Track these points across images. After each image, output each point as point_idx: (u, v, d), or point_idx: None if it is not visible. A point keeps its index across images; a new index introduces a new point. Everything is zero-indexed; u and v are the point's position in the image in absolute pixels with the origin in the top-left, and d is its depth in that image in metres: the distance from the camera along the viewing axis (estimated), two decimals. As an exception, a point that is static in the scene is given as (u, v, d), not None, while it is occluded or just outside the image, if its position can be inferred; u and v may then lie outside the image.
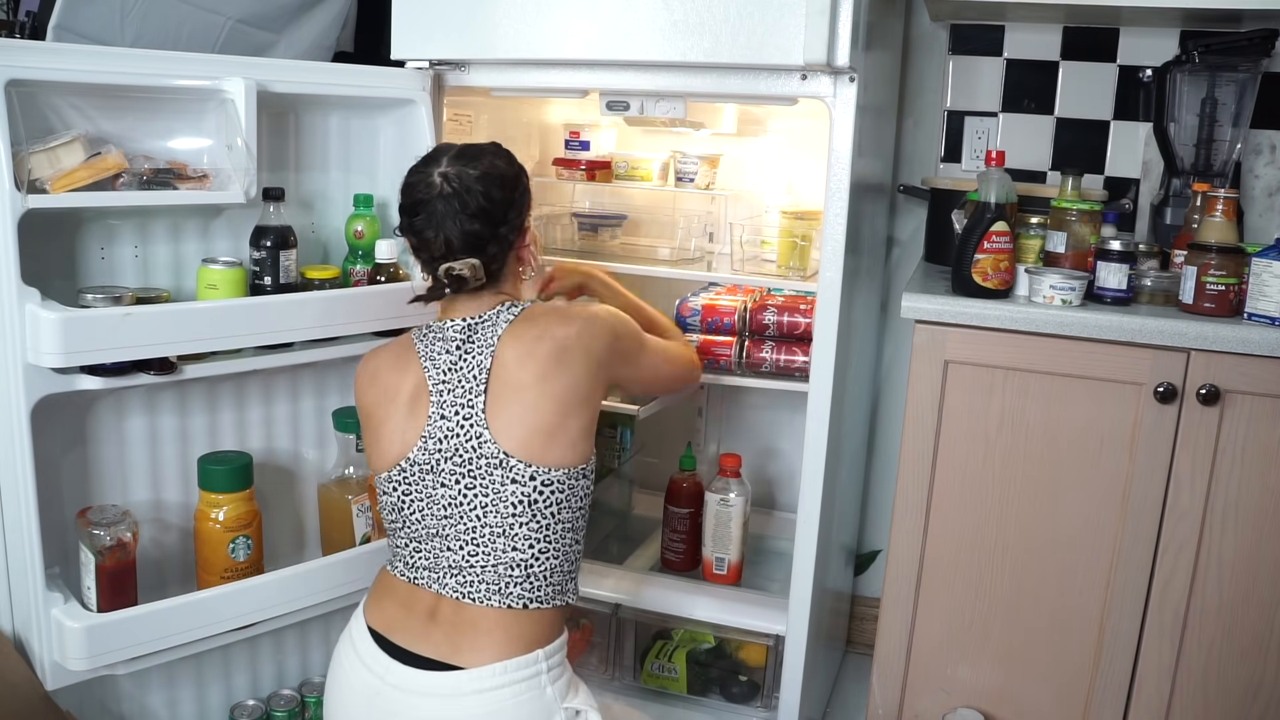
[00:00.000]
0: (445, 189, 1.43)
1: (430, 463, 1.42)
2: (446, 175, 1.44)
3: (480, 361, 1.43)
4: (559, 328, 1.45)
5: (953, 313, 1.66)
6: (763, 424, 2.45)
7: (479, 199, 1.43)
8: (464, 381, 1.42)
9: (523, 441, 1.40)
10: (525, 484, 1.39)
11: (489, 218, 1.44)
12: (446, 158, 1.46)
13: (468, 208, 1.43)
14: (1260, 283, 1.55)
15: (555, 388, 1.42)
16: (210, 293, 1.57)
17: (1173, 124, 1.96)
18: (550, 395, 1.41)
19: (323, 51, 2.04)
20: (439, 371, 1.44)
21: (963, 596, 1.77)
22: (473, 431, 1.40)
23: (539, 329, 1.44)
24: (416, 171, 1.47)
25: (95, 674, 1.52)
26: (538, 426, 1.40)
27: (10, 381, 1.40)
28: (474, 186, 1.43)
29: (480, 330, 1.45)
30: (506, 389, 1.41)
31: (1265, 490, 1.58)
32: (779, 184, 2.20)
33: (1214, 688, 1.66)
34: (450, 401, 1.42)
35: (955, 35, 2.21)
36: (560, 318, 1.48)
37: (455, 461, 1.41)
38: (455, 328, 1.45)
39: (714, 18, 1.64)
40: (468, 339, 1.45)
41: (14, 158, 1.34)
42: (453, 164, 1.45)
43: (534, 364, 1.42)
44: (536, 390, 1.41)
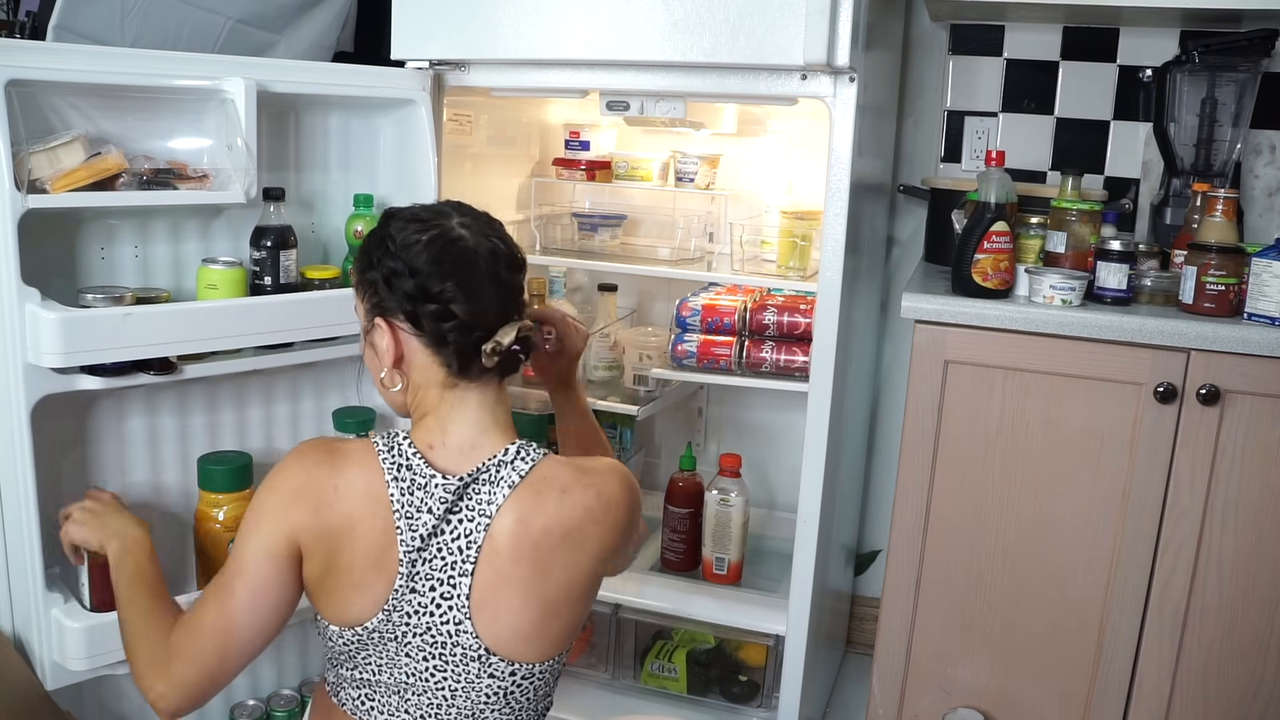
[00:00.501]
0: (481, 242, 1.16)
1: (394, 634, 1.17)
2: (467, 225, 1.17)
3: (471, 534, 1.15)
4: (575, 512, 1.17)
5: (953, 313, 1.66)
6: (763, 424, 2.45)
7: (512, 247, 1.19)
8: (444, 554, 1.15)
9: (508, 640, 1.16)
10: (503, 679, 1.18)
11: (522, 270, 1.21)
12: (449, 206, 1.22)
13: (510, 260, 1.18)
14: (1260, 283, 1.55)
15: (552, 583, 1.17)
16: (210, 293, 1.57)
17: (1173, 124, 1.96)
18: (545, 593, 1.17)
19: (323, 51, 2.04)
20: (414, 535, 1.14)
21: (963, 596, 1.77)
22: (450, 616, 1.15)
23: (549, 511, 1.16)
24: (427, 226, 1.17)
25: (95, 674, 1.52)
26: (523, 628, 1.17)
27: (10, 381, 1.40)
28: (503, 234, 1.20)
29: (478, 490, 1.16)
30: (496, 574, 1.15)
31: (1265, 490, 1.58)
32: (779, 184, 2.20)
33: (1214, 687, 1.66)
34: (426, 574, 1.15)
35: (955, 35, 2.21)
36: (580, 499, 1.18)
37: (425, 639, 1.16)
38: (446, 488, 1.15)
39: (714, 18, 1.64)
40: (459, 500, 1.16)
41: (14, 158, 1.33)
42: (461, 212, 1.20)
43: (533, 552, 1.15)
44: (528, 586, 1.16)
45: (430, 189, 1.80)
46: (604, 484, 1.21)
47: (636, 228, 2.34)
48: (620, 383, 2.16)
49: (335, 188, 1.82)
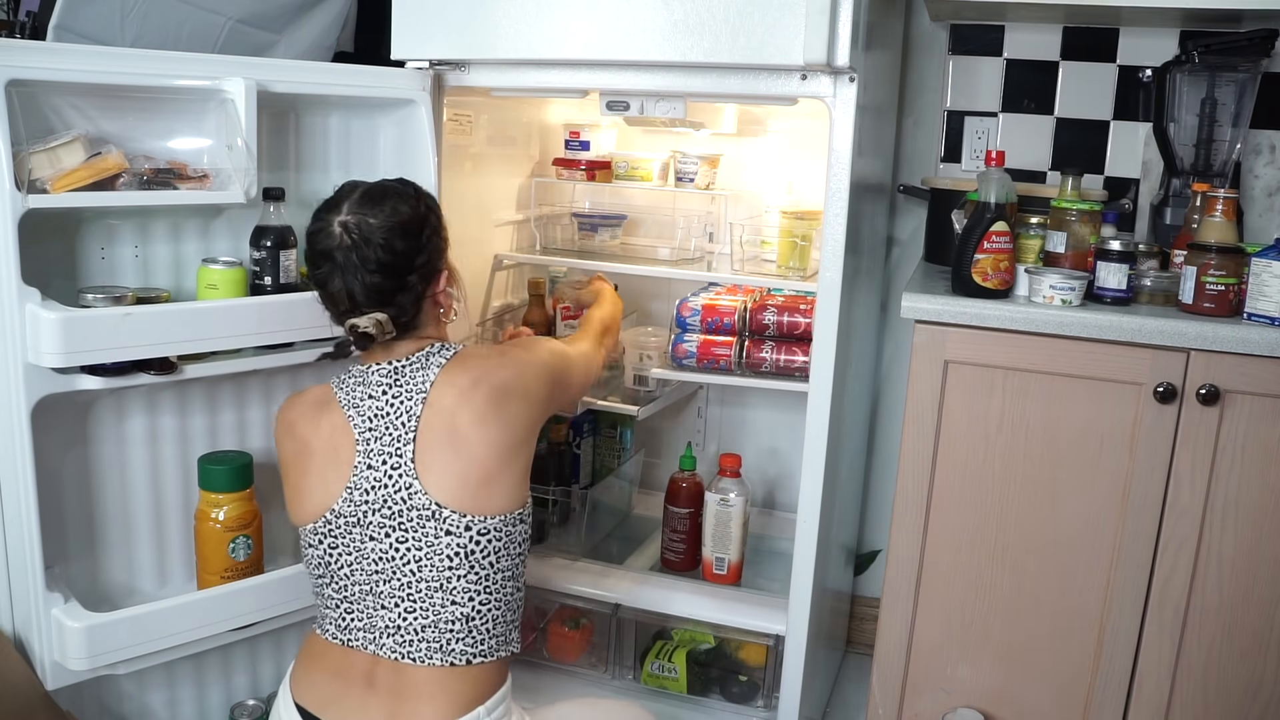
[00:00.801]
0: (345, 240, 1.35)
1: (356, 515, 1.35)
2: (346, 225, 1.35)
3: (410, 407, 1.35)
4: (498, 371, 1.39)
5: (953, 313, 1.66)
6: (763, 424, 2.45)
7: (379, 251, 1.35)
8: (391, 429, 1.35)
9: (456, 491, 1.32)
10: (460, 535, 1.32)
11: (392, 270, 1.36)
12: (348, 203, 1.38)
13: (368, 261, 1.34)
14: (1260, 283, 1.55)
15: (493, 434, 1.34)
16: (210, 293, 1.57)
17: (1172, 124, 1.96)
18: (488, 442, 1.34)
19: (323, 51, 2.04)
20: (363, 419, 1.36)
21: (963, 596, 1.77)
22: (402, 482, 1.33)
23: (476, 372, 1.37)
24: (318, 218, 1.39)
25: (95, 674, 1.53)
26: (473, 476, 1.33)
27: (10, 381, 1.40)
28: (374, 237, 1.35)
29: (408, 374, 1.37)
30: (439, 436, 1.34)
31: (1265, 489, 1.58)
32: (779, 184, 2.20)
33: (1214, 687, 1.66)
34: (377, 450, 1.35)
35: (955, 35, 2.21)
36: (498, 360, 1.42)
37: (384, 514, 1.34)
38: (380, 372, 1.38)
39: (714, 18, 1.64)
40: (394, 382, 1.37)
41: (14, 158, 1.34)
42: (354, 211, 1.36)
43: (469, 410, 1.34)
44: (473, 438, 1.34)
45: (430, 189, 1.80)
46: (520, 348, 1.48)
47: (636, 228, 2.34)
48: (620, 383, 2.16)
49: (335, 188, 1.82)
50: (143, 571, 1.67)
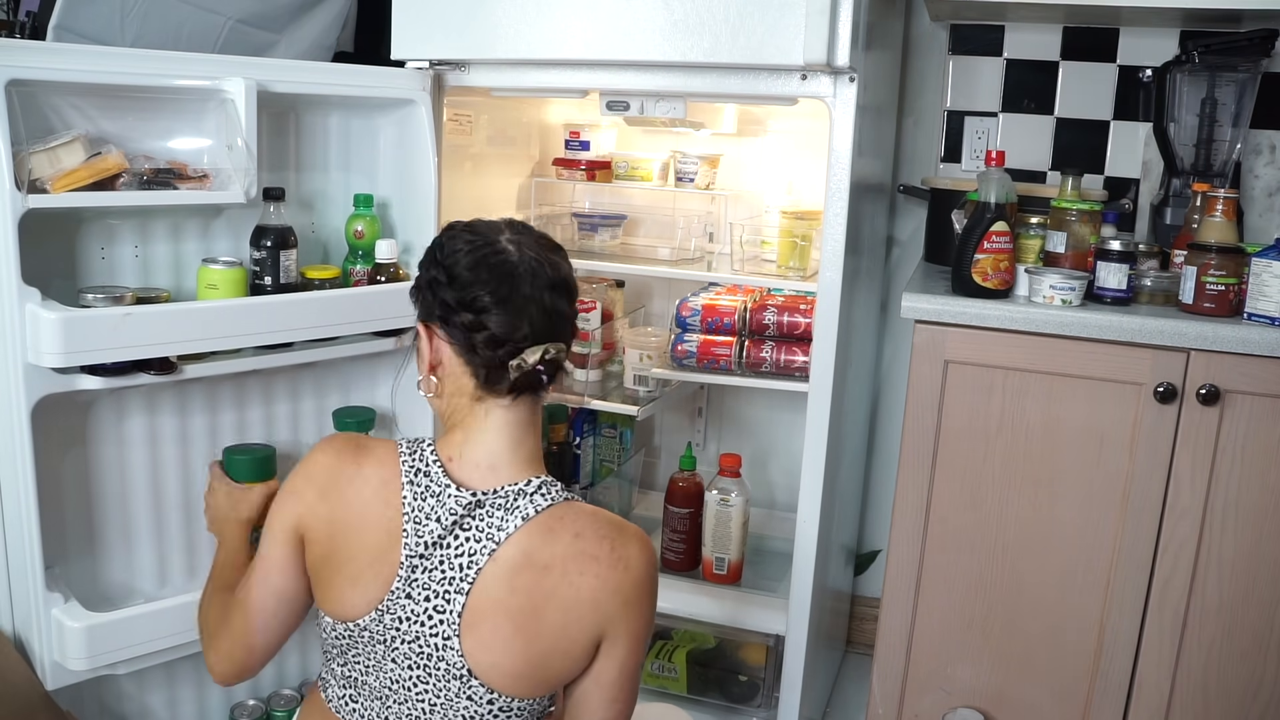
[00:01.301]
0: (524, 258, 1.14)
1: (385, 636, 1.17)
2: (518, 242, 1.16)
3: (475, 553, 1.14)
4: (591, 569, 1.14)
5: (953, 313, 1.66)
6: (763, 424, 2.45)
7: (562, 270, 1.18)
8: (445, 568, 1.14)
9: (490, 669, 1.14)
10: (481, 705, 1.15)
11: (571, 296, 1.19)
12: (506, 225, 1.20)
13: (554, 281, 1.16)
14: (1260, 283, 1.55)
15: (544, 626, 1.13)
16: (210, 293, 1.57)
17: (1173, 124, 1.96)
18: (535, 633, 1.13)
19: (323, 51, 2.04)
20: (419, 541, 1.15)
21: (962, 596, 1.77)
22: (439, 631, 1.14)
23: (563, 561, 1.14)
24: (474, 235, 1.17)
25: (95, 674, 1.52)
26: (508, 663, 1.14)
27: (10, 381, 1.40)
28: (553, 257, 1.18)
29: (490, 513, 1.15)
30: (492, 600, 1.13)
31: (1265, 490, 1.58)
32: (779, 184, 2.20)
33: (1214, 687, 1.66)
34: (423, 583, 1.14)
35: (955, 35, 2.21)
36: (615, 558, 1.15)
37: (413, 649, 1.16)
38: (459, 500, 1.15)
39: (714, 18, 1.64)
40: (470, 515, 1.15)
41: (14, 158, 1.33)
42: (516, 232, 1.19)
43: (531, 588, 1.13)
44: (519, 621, 1.13)
45: (430, 189, 1.80)
46: (632, 556, 1.17)
47: (636, 228, 2.34)
48: (620, 383, 2.16)
49: (335, 188, 1.82)
50: (143, 571, 1.67)
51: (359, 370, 1.88)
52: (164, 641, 1.56)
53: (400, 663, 1.17)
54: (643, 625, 1.19)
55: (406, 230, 1.85)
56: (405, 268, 1.80)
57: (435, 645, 1.15)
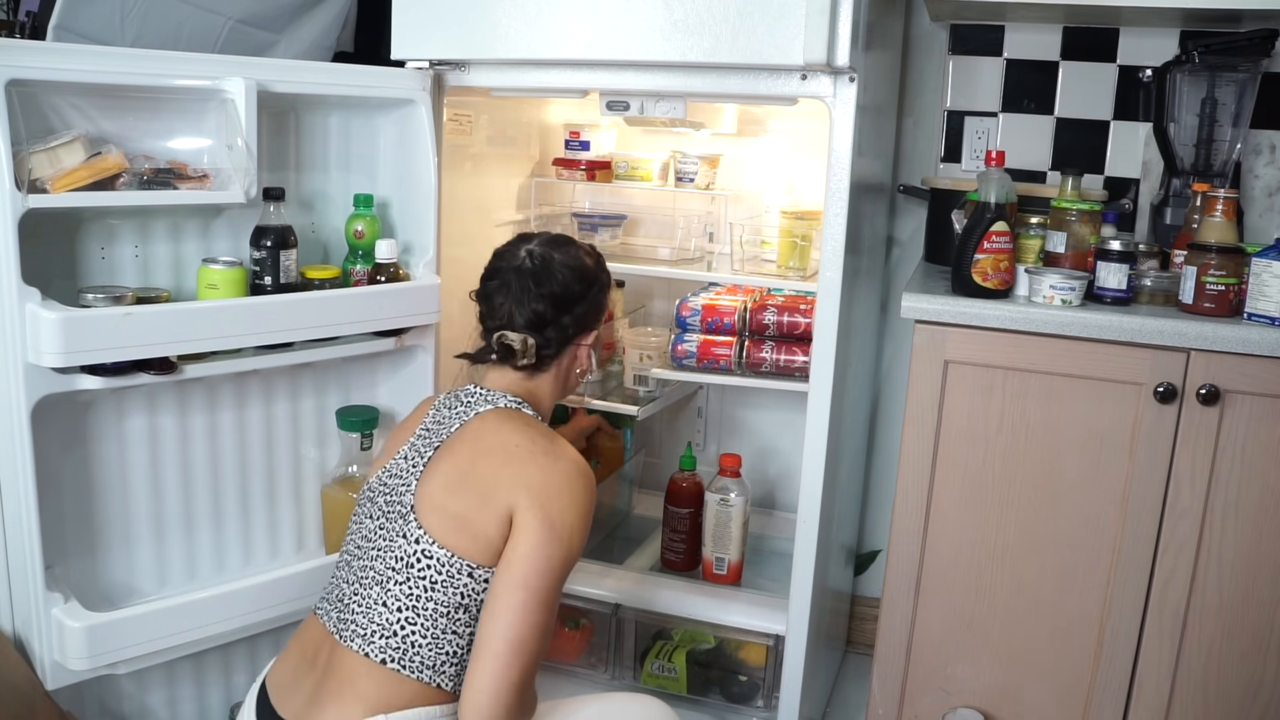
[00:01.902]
0: (527, 264, 1.47)
1: (374, 492, 1.44)
2: (532, 252, 1.48)
3: (453, 422, 1.43)
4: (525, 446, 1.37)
5: (953, 313, 1.66)
6: (763, 424, 2.45)
7: (554, 282, 1.46)
8: (433, 435, 1.43)
9: (428, 507, 1.35)
10: (411, 544, 1.34)
11: (557, 303, 1.47)
12: (539, 239, 1.51)
13: (541, 286, 1.46)
14: (1260, 283, 1.55)
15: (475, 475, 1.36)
16: (210, 293, 1.57)
17: (1173, 124, 1.96)
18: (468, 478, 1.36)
19: (323, 51, 2.04)
20: (430, 419, 1.47)
21: (963, 596, 1.77)
22: (409, 478, 1.40)
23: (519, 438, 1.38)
24: (509, 244, 1.52)
25: (95, 674, 1.52)
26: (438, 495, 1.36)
27: (10, 381, 1.40)
28: (554, 269, 1.47)
29: (476, 399, 1.45)
30: (447, 453, 1.39)
31: (1265, 490, 1.58)
32: (779, 184, 2.19)
33: (1214, 688, 1.66)
34: (418, 447, 1.43)
35: (955, 35, 2.21)
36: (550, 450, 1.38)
37: (386, 499, 1.41)
38: (466, 391, 1.47)
39: (714, 18, 1.64)
40: (467, 401, 1.46)
41: (14, 157, 1.34)
42: (543, 245, 1.49)
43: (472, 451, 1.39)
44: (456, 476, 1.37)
45: (430, 189, 1.80)
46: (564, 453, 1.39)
47: (636, 228, 2.34)
48: (620, 383, 2.16)
49: (335, 188, 1.82)
50: (143, 571, 1.67)
51: (359, 370, 1.88)
52: (164, 641, 1.56)
53: (374, 516, 1.41)
54: (561, 516, 1.33)
55: (406, 230, 1.85)
56: (405, 268, 1.80)
57: (399, 490, 1.39)
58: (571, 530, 1.34)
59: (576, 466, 1.38)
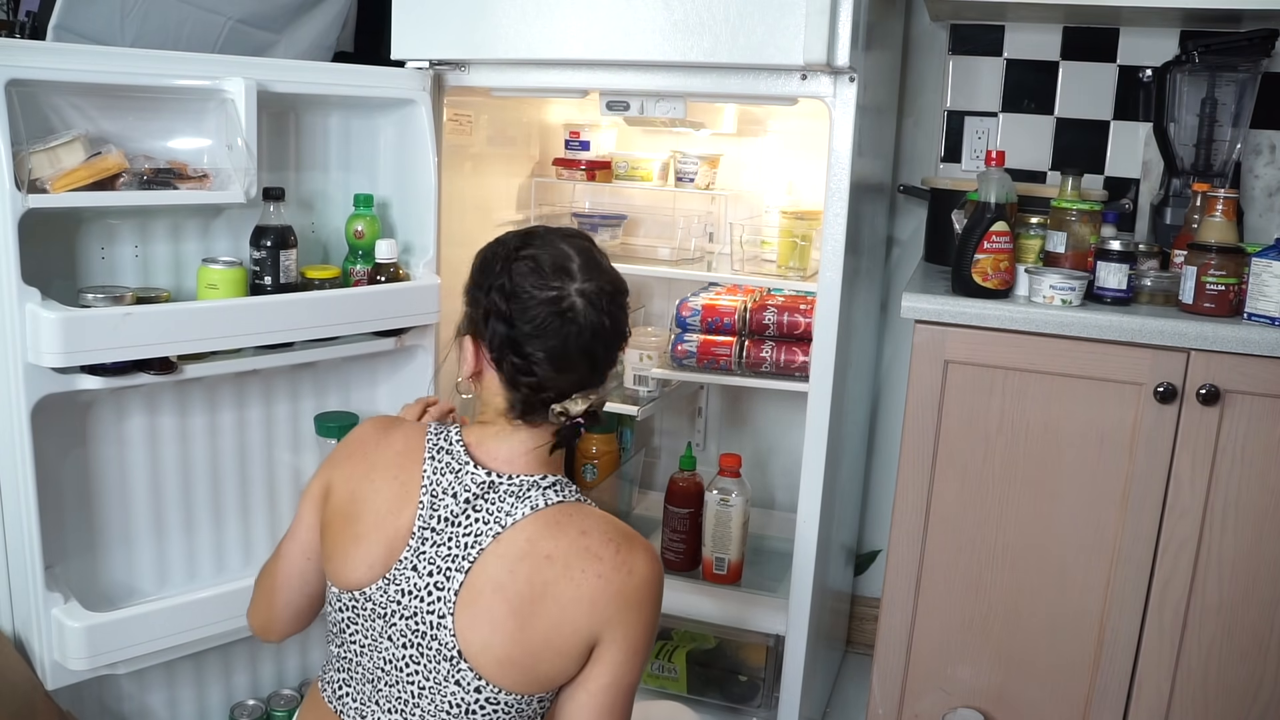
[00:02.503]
0: (590, 318, 1.15)
1: (386, 610, 1.18)
2: (588, 294, 1.15)
3: (480, 534, 1.15)
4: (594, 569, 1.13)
5: (953, 313, 1.66)
6: (763, 424, 2.45)
7: (621, 325, 1.20)
8: (452, 545, 1.16)
9: (479, 652, 1.14)
10: (468, 692, 1.14)
11: (622, 341, 1.21)
12: (578, 265, 1.17)
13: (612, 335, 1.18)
14: (1260, 283, 1.55)
15: (538, 616, 1.13)
16: (210, 292, 1.57)
17: (1173, 124, 1.96)
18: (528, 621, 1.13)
19: (323, 51, 2.04)
20: (432, 514, 1.17)
21: (962, 596, 1.77)
22: (437, 609, 1.15)
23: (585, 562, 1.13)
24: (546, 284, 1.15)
25: (95, 674, 1.52)
26: (498, 647, 1.14)
27: (10, 381, 1.40)
28: (617, 309, 1.18)
29: (499, 494, 1.17)
30: (489, 581, 1.14)
31: (1265, 490, 1.58)
32: (779, 184, 2.20)
33: (1214, 687, 1.66)
34: (429, 556, 1.16)
35: (955, 35, 2.21)
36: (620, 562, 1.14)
37: (410, 625, 1.16)
38: (475, 478, 1.18)
39: (714, 18, 1.64)
40: (482, 497, 1.17)
41: (14, 157, 1.34)
42: (588, 277, 1.16)
43: (529, 575, 1.13)
44: (514, 606, 1.13)
45: (430, 189, 1.80)
46: (638, 563, 1.16)
47: (636, 228, 2.34)
48: (620, 383, 2.16)
49: (335, 188, 1.82)
50: (143, 571, 1.67)
51: (359, 370, 1.88)
52: (164, 641, 1.56)
53: (395, 640, 1.18)
54: (641, 636, 1.18)
55: (406, 230, 1.85)
56: (405, 268, 1.80)
57: (431, 623, 1.15)
58: (651, 640, 1.20)
59: (651, 570, 1.17)
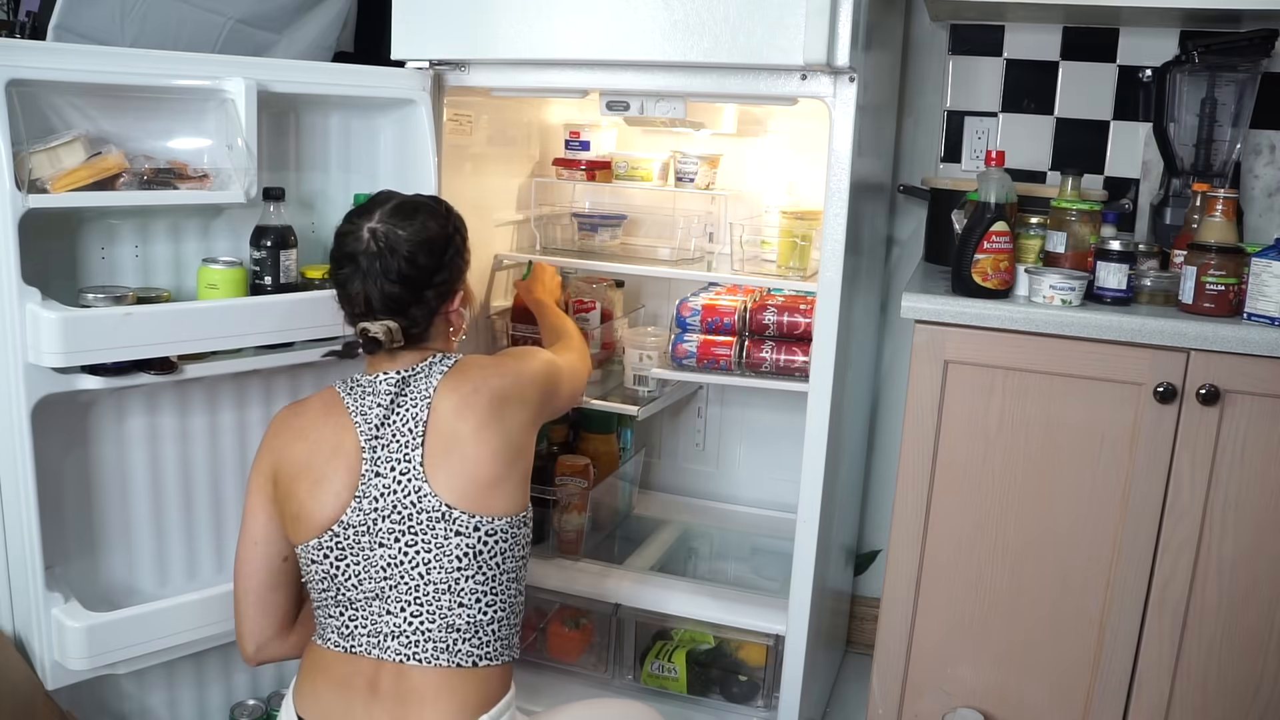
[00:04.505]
0: (371, 246, 1.40)
1: (366, 523, 1.36)
2: (375, 232, 1.40)
3: (416, 414, 1.38)
4: (494, 379, 1.44)
5: (953, 313, 1.66)
6: (763, 424, 2.45)
7: (402, 262, 1.40)
8: (399, 436, 1.37)
9: (464, 492, 1.36)
10: (469, 535, 1.35)
11: (412, 283, 1.41)
12: (380, 211, 1.42)
13: (390, 270, 1.39)
14: (1260, 283, 1.55)
15: (495, 438, 1.39)
16: (210, 292, 1.57)
17: (1172, 124, 1.96)
18: (490, 445, 1.38)
19: (323, 51, 2.04)
20: (371, 427, 1.38)
21: (962, 596, 1.77)
22: (411, 486, 1.35)
23: (474, 380, 1.42)
24: (349, 220, 1.44)
25: (95, 673, 1.53)
26: (479, 478, 1.37)
27: (11, 381, 1.40)
28: (400, 248, 1.40)
29: (413, 383, 1.41)
30: (444, 441, 1.37)
31: (1265, 490, 1.58)
32: (779, 184, 2.20)
33: (1214, 687, 1.66)
34: (385, 457, 1.37)
35: (955, 35, 2.21)
36: (495, 369, 1.48)
37: (394, 519, 1.35)
38: (388, 381, 1.41)
39: (714, 18, 1.64)
40: (400, 392, 1.40)
41: (15, 157, 1.34)
42: (385, 220, 1.41)
43: (472, 415, 1.39)
44: (476, 441, 1.38)
45: (430, 189, 1.80)
46: (515, 359, 1.55)
47: (636, 228, 2.34)
48: (620, 383, 2.16)
49: (335, 188, 1.82)
50: (143, 571, 1.67)
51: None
52: (164, 641, 1.56)
53: (387, 541, 1.35)
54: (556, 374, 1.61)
55: (406, 230, 1.85)
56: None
57: (411, 502, 1.35)
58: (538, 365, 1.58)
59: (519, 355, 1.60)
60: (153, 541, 1.68)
